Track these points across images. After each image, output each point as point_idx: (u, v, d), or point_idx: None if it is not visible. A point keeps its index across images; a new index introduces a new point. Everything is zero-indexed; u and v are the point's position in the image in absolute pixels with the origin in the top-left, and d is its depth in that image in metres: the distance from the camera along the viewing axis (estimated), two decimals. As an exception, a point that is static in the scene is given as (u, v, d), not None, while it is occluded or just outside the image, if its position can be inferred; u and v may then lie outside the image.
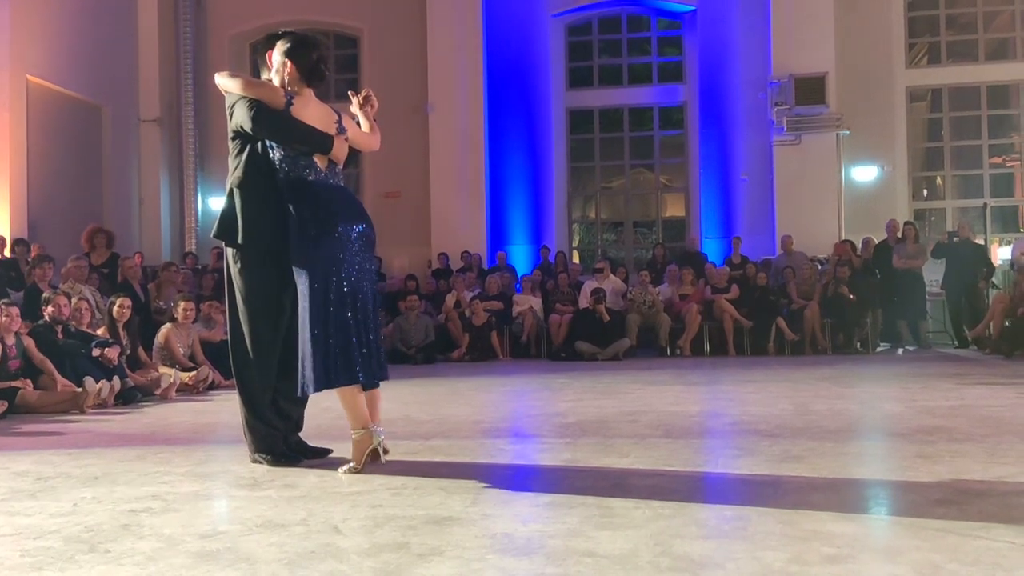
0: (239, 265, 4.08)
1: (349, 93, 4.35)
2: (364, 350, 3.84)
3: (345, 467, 3.81)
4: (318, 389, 3.83)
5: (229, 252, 4.14)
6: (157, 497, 3.41)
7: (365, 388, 3.88)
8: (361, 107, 4.27)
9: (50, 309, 7.49)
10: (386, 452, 3.93)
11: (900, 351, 11.88)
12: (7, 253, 10.74)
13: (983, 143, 14.75)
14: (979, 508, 2.99)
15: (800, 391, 6.98)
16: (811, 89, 13.56)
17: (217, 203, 13.76)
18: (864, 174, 14.35)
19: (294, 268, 3.91)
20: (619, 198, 16.43)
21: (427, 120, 14.90)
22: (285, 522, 2.96)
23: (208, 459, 4.37)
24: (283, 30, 4.21)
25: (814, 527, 2.76)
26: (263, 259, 4.05)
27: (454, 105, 14.81)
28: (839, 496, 3.26)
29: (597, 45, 15.93)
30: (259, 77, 4.26)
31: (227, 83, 4.06)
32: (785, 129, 13.80)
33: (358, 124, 4.26)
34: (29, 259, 10.21)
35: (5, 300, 7.39)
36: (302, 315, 3.85)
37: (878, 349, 12.05)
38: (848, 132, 13.91)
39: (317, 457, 4.18)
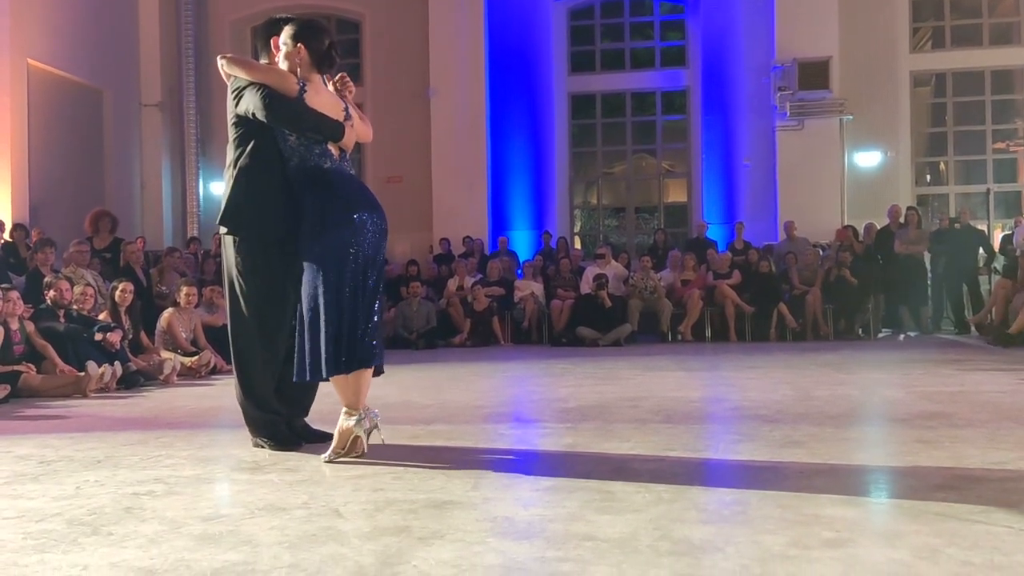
0: (242, 253, 4.01)
1: (323, 77, 4.07)
2: (366, 338, 3.81)
3: (327, 453, 3.75)
4: (328, 376, 3.76)
5: (229, 240, 4.05)
6: (159, 480, 3.42)
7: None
8: (338, 92, 4.08)
9: (52, 293, 7.51)
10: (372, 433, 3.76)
11: (901, 337, 11.88)
12: (7, 237, 10.72)
13: (987, 128, 14.69)
14: (978, 493, 2.99)
15: (801, 377, 6.99)
16: (814, 74, 13.50)
17: (219, 188, 13.74)
18: (867, 159, 14.31)
19: (305, 256, 3.82)
20: (621, 183, 16.40)
21: (429, 105, 14.84)
22: (287, 506, 2.97)
23: (210, 443, 4.38)
24: (285, 15, 4.14)
25: (814, 511, 2.77)
26: (267, 247, 4.00)
27: (456, 90, 14.76)
28: (839, 481, 3.26)
29: (599, 29, 15.87)
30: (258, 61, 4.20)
31: (234, 68, 3.95)
32: (788, 114, 13.76)
33: None
34: (30, 244, 10.20)
35: (5, 285, 7.40)
36: (310, 302, 3.77)
37: (879, 335, 12.04)
38: (851, 117, 13.86)
39: (321, 441, 4.18)
